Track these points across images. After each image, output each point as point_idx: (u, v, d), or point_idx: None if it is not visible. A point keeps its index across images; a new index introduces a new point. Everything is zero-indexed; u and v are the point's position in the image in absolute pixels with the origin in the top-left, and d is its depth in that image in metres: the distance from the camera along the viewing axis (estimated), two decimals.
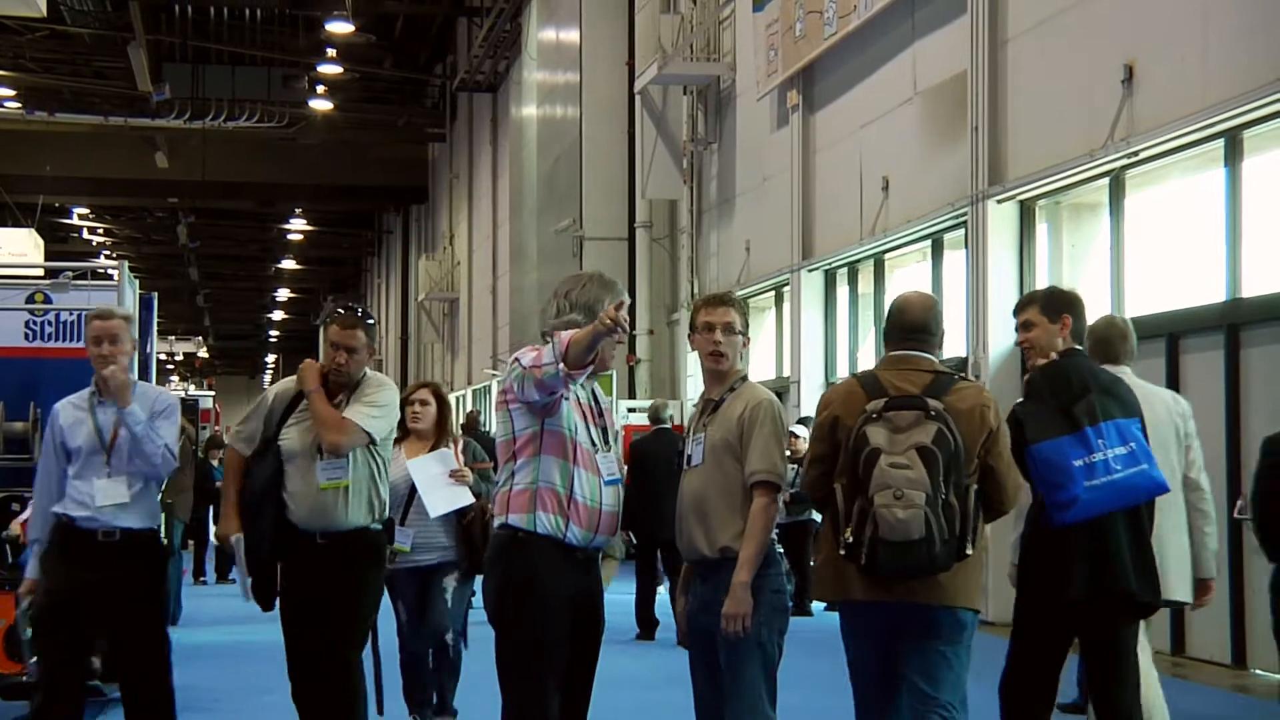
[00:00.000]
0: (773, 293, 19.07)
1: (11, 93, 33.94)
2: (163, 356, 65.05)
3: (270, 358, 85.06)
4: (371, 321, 6.57)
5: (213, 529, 6.60)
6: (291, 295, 65.64)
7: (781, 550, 5.51)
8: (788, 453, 5.70)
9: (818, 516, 7.46)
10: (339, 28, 29.88)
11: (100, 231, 50.36)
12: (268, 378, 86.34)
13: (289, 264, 57.40)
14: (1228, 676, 10.27)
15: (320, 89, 35.61)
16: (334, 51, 33.16)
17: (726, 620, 5.22)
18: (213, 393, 39.86)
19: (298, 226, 50.83)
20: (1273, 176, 10.59)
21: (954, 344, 11.90)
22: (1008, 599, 6.13)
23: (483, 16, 31.78)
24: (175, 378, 67.95)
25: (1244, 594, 10.41)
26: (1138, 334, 6.28)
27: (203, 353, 75.41)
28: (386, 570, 7.00)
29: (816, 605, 12.89)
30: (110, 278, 10.71)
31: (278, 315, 70.39)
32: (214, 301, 64.54)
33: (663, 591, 12.90)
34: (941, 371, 5.31)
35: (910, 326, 5.35)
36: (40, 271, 14.14)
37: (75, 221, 47.36)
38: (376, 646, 6.87)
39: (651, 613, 12.79)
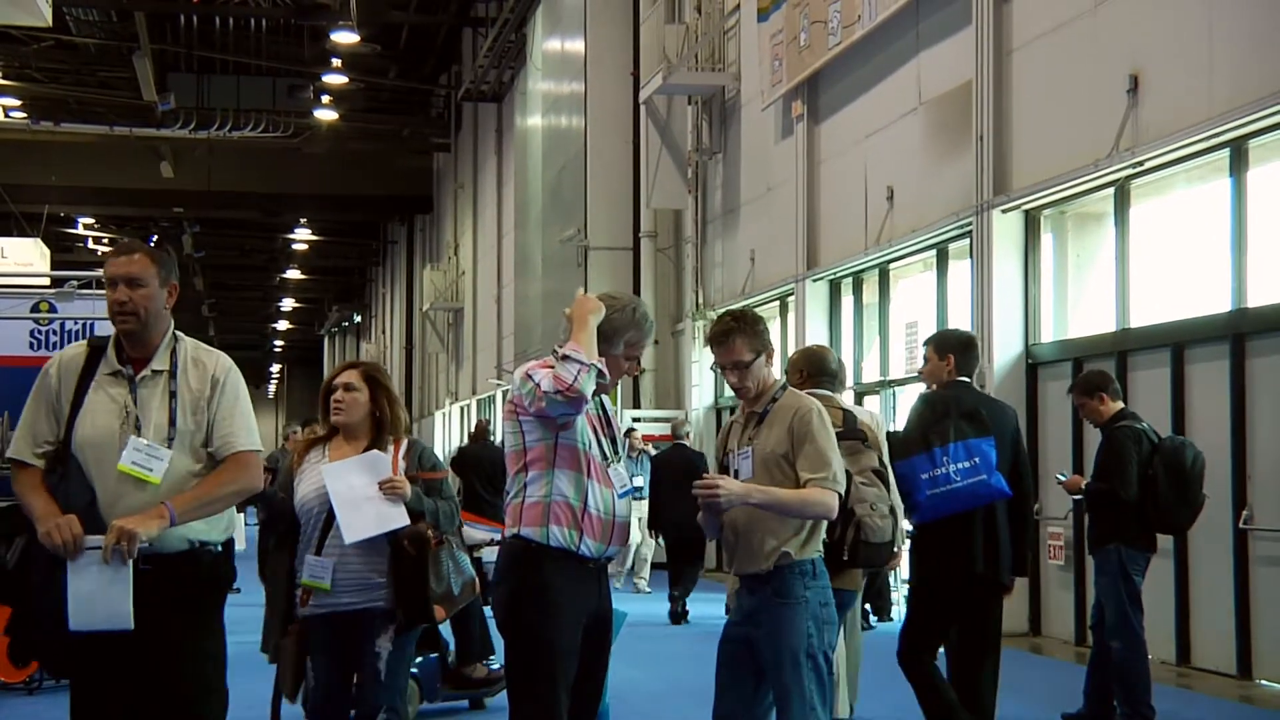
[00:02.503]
0: (777, 303, 19.06)
1: (17, 103, 34.01)
2: None
3: (275, 367, 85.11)
4: (159, 251, 4.94)
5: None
6: (296, 305, 65.72)
7: None
8: None
9: None
10: (344, 38, 29.85)
11: (105, 241, 50.38)
12: (272, 387, 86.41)
13: (294, 274, 57.44)
14: (1233, 687, 10.24)
15: (325, 99, 35.60)
16: (339, 61, 33.15)
17: (704, 486, 5.05)
18: None
19: (303, 236, 50.86)
20: (1278, 186, 10.59)
21: None
22: None
23: (488, 27, 31.83)
24: None
25: (1249, 604, 10.39)
26: (1142, 344, 6.63)
27: None
28: (301, 614, 5.89)
29: None
30: None
31: (283, 325, 70.47)
32: (219, 311, 64.56)
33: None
34: (846, 409, 6.48)
35: (827, 371, 6.62)
36: (46, 281, 14.18)
37: (80, 231, 47.44)
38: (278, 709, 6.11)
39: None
